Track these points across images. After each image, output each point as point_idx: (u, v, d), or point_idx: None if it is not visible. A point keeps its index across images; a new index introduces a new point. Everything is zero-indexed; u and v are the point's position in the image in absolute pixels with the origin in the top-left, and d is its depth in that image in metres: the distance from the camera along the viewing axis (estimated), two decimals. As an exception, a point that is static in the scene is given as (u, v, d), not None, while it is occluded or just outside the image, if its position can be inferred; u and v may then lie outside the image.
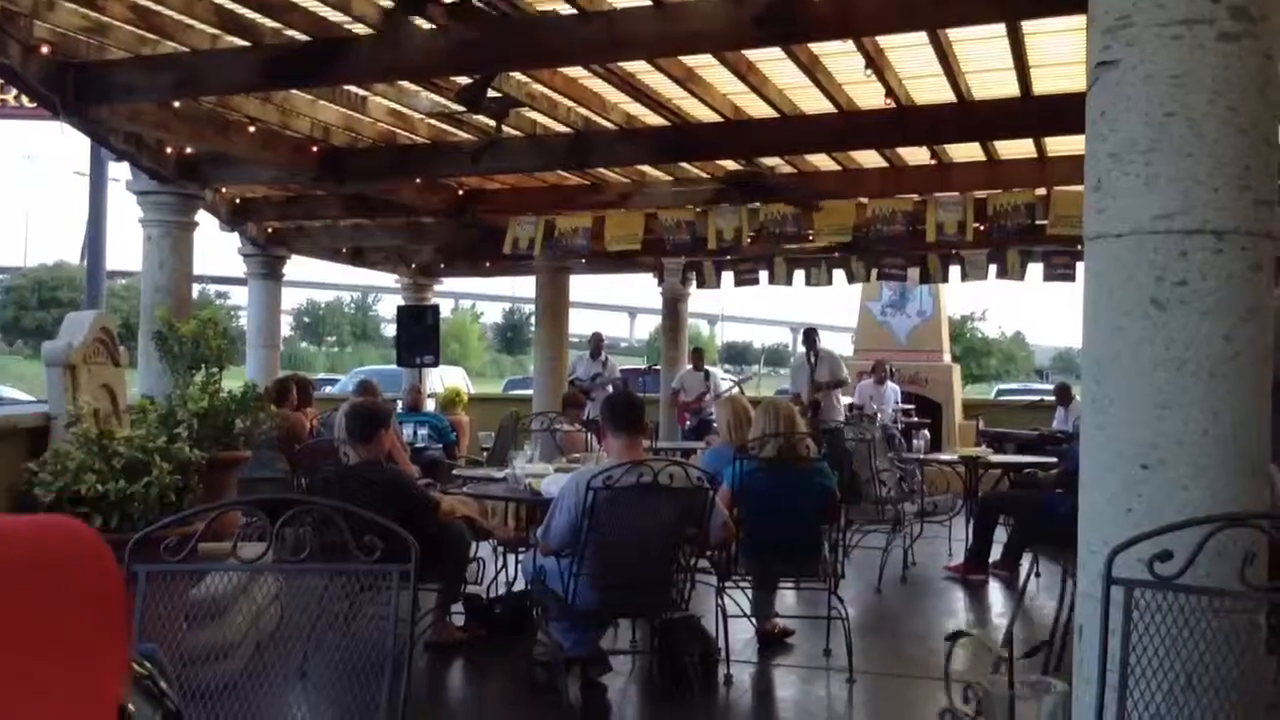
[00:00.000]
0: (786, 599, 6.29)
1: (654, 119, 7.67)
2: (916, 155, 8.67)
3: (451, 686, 5.37)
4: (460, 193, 10.16)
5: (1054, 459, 8.67)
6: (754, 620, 5.69)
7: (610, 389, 12.70)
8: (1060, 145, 8.13)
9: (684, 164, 9.13)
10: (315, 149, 8.36)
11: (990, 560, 7.63)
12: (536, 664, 4.86)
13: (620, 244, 10.01)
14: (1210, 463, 2.30)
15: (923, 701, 5.08)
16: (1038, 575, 7.45)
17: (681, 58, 6.38)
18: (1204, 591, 2.18)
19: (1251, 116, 2.31)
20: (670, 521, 4.57)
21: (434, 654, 5.46)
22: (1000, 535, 7.72)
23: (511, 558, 6.39)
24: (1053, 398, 13.60)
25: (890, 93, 6.74)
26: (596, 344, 13.92)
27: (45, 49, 6.23)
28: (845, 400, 12.56)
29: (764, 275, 12.60)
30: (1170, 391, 2.32)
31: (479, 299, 65.17)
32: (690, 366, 14.31)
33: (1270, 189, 2.35)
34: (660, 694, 4.99)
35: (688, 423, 13.61)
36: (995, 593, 7.39)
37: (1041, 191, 8.92)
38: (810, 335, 12.32)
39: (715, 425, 8.06)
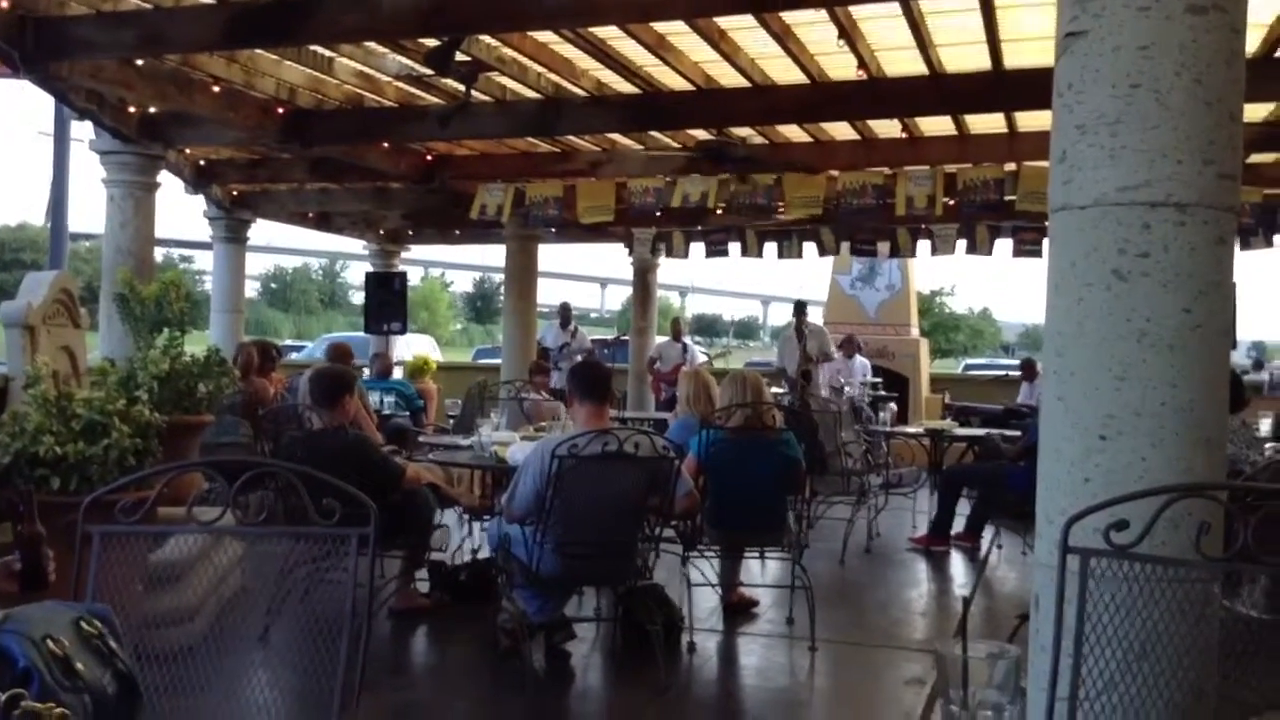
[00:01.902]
0: (751, 568, 6.32)
1: (625, 86, 7.62)
2: (887, 128, 8.67)
3: (415, 653, 5.36)
4: (428, 158, 10.07)
5: (1018, 433, 8.75)
6: (718, 589, 5.72)
7: (579, 358, 12.70)
8: (1030, 120, 8.16)
9: (655, 132, 9.08)
10: (280, 110, 8.25)
11: (953, 532, 7.71)
12: (500, 631, 4.86)
13: (593, 215, 9.95)
14: (1168, 434, 2.32)
15: (884, 669, 5.14)
16: (999, 547, 7.55)
17: (653, 24, 6.33)
18: (1159, 560, 2.20)
19: (1217, 90, 2.31)
20: (635, 490, 4.58)
21: (398, 620, 5.46)
22: (964, 508, 7.80)
23: (476, 525, 6.39)
24: (1018, 373, 13.73)
25: (862, 64, 6.73)
26: (565, 313, 13.89)
27: (5, 3, 6.09)
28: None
29: (735, 247, 12.61)
30: (1130, 363, 2.33)
31: (449, 267, 64.86)
32: (668, 337, 14.32)
33: (1234, 163, 2.36)
34: (624, 661, 5.01)
35: (663, 394, 13.62)
36: (957, 564, 7.47)
37: (1011, 167, 8.95)
38: (800, 307, 12.35)
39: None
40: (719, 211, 10.00)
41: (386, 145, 9.46)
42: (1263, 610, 2.84)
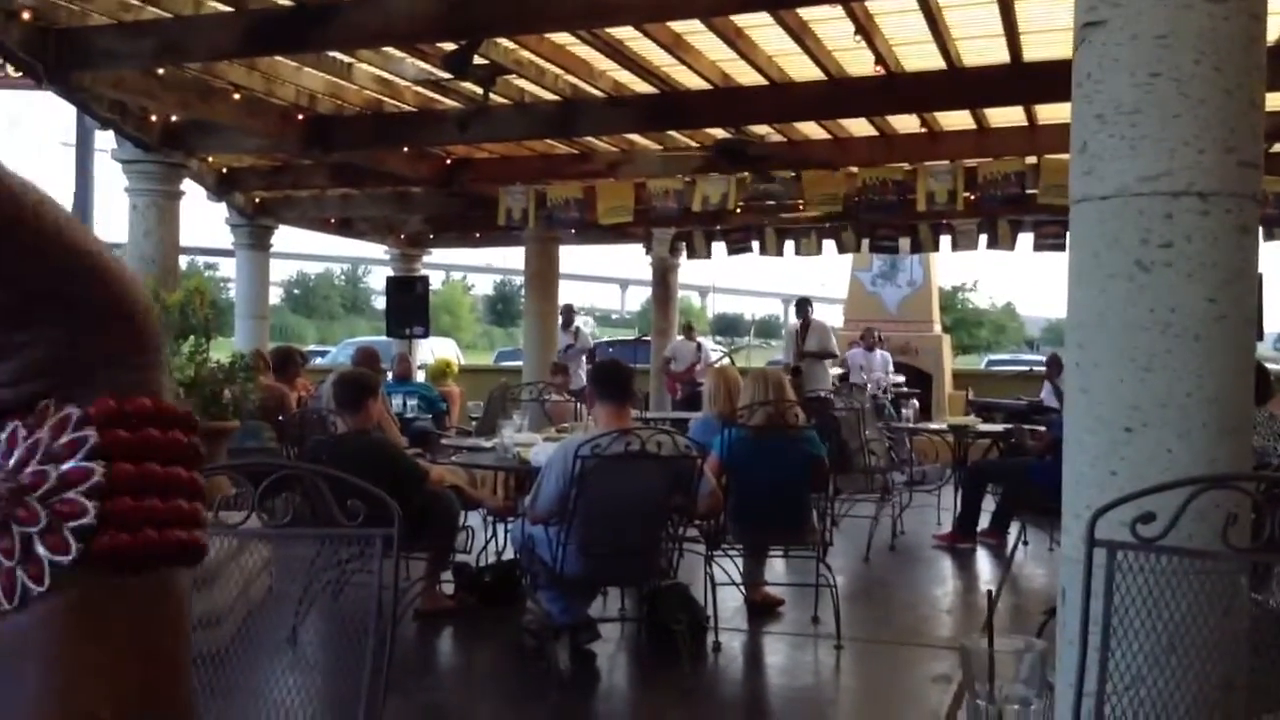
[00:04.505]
0: (775, 567, 6.31)
1: (642, 86, 7.63)
2: (906, 123, 8.63)
3: (441, 655, 5.38)
4: (448, 162, 10.10)
5: (1042, 428, 8.69)
6: (743, 588, 5.72)
7: (583, 359, 12.76)
8: (1050, 113, 8.10)
9: (673, 132, 9.08)
10: (301, 117, 8.30)
11: (978, 528, 7.66)
12: (525, 632, 4.88)
13: (613, 216, 9.95)
14: (1193, 425, 2.30)
15: (910, 668, 5.12)
16: (1025, 543, 7.49)
17: (669, 23, 6.33)
18: (1186, 553, 2.18)
19: (1237, 77, 2.30)
20: (658, 489, 4.58)
21: (423, 623, 5.48)
22: (989, 504, 7.76)
23: (501, 527, 6.40)
24: (1043, 368, 13.63)
25: (880, 59, 6.70)
26: (567, 315, 13.89)
27: (26, 14, 6.15)
28: (835, 371, 12.61)
29: (755, 245, 12.61)
30: (1154, 354, 2.32)
31: (470, 271, 64.99)
32: (681, 337, 14.35)
33: (1255, 151, 2.34)
34: (649, 662, 5.02)
35: (679, 393, 13.64)
36: (983, 560, 7.43)
37: (1031, 160, 8.90)
38: (802, 305, 12.47)
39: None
40: (738, 210, 9.99)
41: (406, 150, 9.49)
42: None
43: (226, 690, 2.30)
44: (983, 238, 11.48)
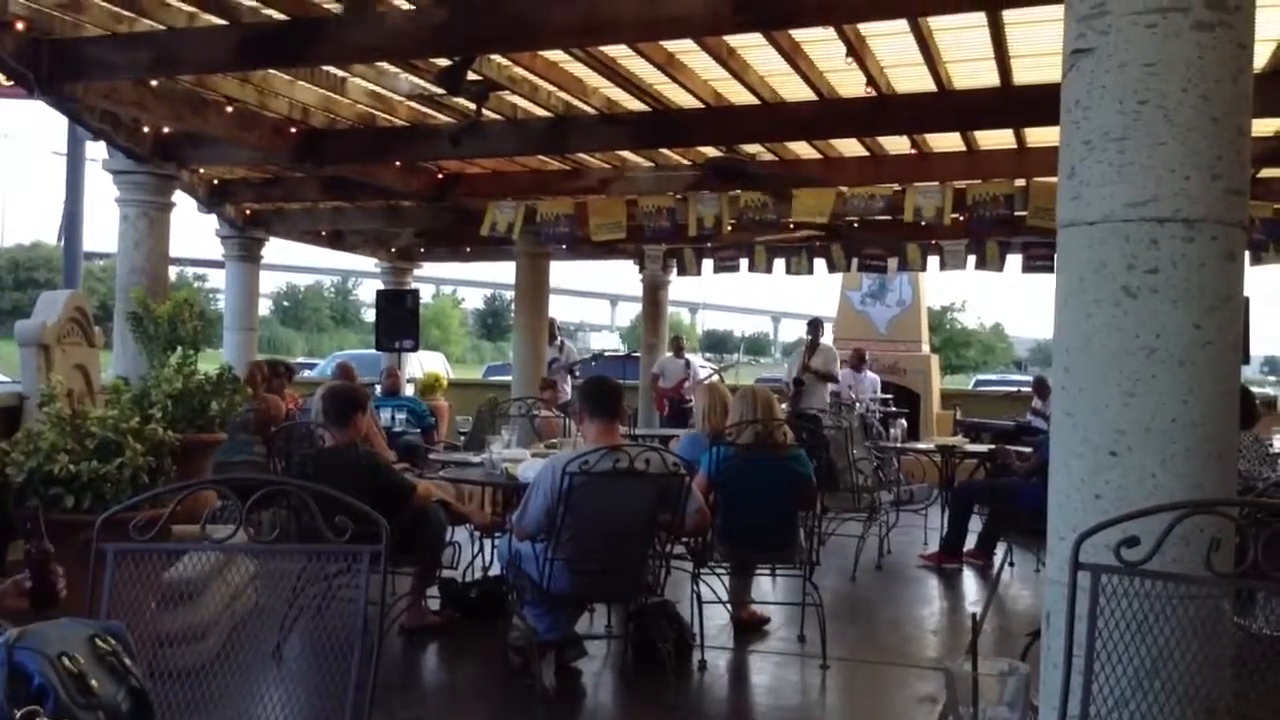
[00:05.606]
0: (762, 585, 6.31)
1: (634, 104, 7.66)
2: (896, 144, 8.69)
3: (426, 670, 5.36)
4: (440, 176, 10.12)
5: (1029, 449, 8.71)
6: (729, 606, 5.71)
7: (567, 373, 12.75)
8: (1039, 136, 8.17)
9: (664, 150, 9.12)
10: (293, 130, 8.31)
11: (965, 549, 7.67)
12: (511, 649, 4.86)
13: (605, 233, 9.96)
14: (1178, 450, 2.31)
15: (895, 687, 5.12)
16: (1011, 564, 7.51)
17: (662, 42, 6.37)
18: (1170, 577, 2.19)
19: (1224, 106, 2.32)
20: (645, 507, 4.58)
21: (409, 638, 5.46)
22: (975, 524, 7.77)
23: (488, 542, 6.39)
24: (1030, 389, 13.68)
25: (871, 80, 6.75)
26: (551, 329, 13.90)
27: (20, 25, 6.15)
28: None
29: (744, 263, 12.65)
30: (1140, 379, 2.33)
31: (460, 284, 65.02)
32: (670, 353, 14.36)
33: (1242, 178, 2.36)
34: (634, 679, 5.00)
35: (666, 409, 13.65)
36: (969, 581, 7.44)
37: (1020, 182, 8.95)
38: (814, 325, 12.51)
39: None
40: (729, 228, 10.02)
41: (398, 164, 9.51)
42: (1276, 627, 2.82)
43: (210, 705, 2.29)
44: (971, 258, 11.54)
